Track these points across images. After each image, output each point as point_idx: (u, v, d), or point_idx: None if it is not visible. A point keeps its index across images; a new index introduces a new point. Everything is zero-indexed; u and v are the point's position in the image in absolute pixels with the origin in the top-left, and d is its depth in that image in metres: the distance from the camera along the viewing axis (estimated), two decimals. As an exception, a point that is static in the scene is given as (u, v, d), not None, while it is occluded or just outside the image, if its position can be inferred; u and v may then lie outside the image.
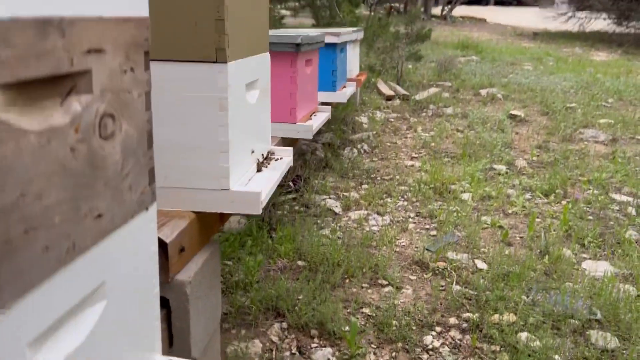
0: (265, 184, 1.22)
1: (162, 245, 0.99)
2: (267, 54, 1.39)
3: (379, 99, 4.76)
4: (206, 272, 1.13)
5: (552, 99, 5.01)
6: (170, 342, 1.07)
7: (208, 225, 1.18)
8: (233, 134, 1.09)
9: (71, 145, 0.57)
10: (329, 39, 2.49)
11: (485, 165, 3.04)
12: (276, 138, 1.82)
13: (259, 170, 1.32)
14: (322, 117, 2.13)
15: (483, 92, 5.26)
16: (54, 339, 0.58)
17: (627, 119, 4.30)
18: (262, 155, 1.37)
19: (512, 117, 4.30)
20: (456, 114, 4.42)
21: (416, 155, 3.32)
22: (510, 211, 2.47)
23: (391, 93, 4.79)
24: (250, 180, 1.23)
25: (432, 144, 3.51)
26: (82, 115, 0.58)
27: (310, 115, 2.08)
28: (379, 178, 2.86)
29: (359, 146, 3.37)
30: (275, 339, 1.49)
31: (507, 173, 2.99)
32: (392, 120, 4.20)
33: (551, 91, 5.41)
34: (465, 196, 2.61)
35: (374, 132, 3.75)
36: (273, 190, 1.26)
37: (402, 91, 4.92)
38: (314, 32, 2.06)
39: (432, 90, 5.17)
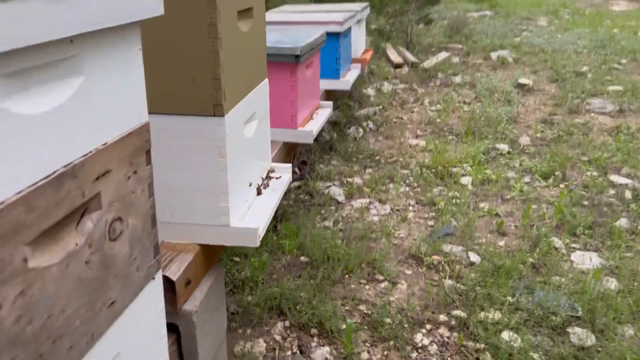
0: (263, 212, 1.33)
1: (169, 282, 1.12)
2: (265, 81, 1.46)
3: (387, 67, 4.75)
4: (211, 297, 1.26)
5: (563, 62, 4.95)
6: (181, 360, 1.21)
7: (212, 252, 1.30)
8: (232, 175, 1.19)
9: (86, 260, 0.68)
10: (331, 29, 2.52)
11: (488, 145, 3.10)
12: (278, 143, 1.91)
13: (259, 193, 1.42)
14: (323, 115, 2.20)
15: (494, 55, 5.21)
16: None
17: (637, 84, 4.27)
18: (262, 178, 1.47)
19: (521, 86, 4.29)
20: (464, 83, 4.42)
21: (421, 133, 3.38)
22: (508, 196, 2.55)
23: (400, 61, 4.78)
24: (250, 209, 1.34)
25: (438, 120, 3.56)
26: (94, 231, 0.69)
27: (312, 114, 2.15)
28: (382, 161, 2.94)
29: (364, 124, 3.43)
30: (278, 337, 1.64)
31: (509, 153, 3.05)
32: (400, 91, 4.22)
33: (563, 53, 5.33)
34: (465, 180, 2.69)
35: (381, 107, 3.79)
36: (272, 216, 1.37)
37: (411, 58, 4.90)
38: (314, 30, 2.11)
39: (442, 55, 5.13)
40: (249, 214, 1.31)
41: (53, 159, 0.60)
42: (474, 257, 2.05)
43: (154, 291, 0.87)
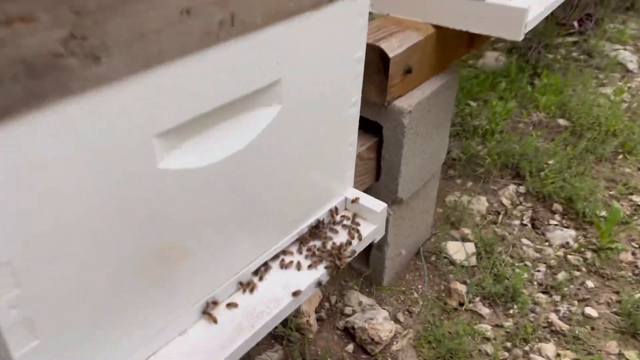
0: (537, 1, 0.88)
1: (383, 58, 0.80)
2: None
3: None
4: (434, 104, 0.92)
5: None
6: (377, 175, 0.93)
7: (450, 46, 0.92)
8: None
9: None
10: None
11: None
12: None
13: (534, -17, 0.96)
14: None
15: None
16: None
17: None
18: (545, -37, 1.00)
19: None
20: None
21: None
22: None
23: None
24: (518, -6, 0.90)
25: None
26: None
27: None
28: None
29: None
30: (506, 201, 1.26)
31: None
32: None
33: None
34: None
35: None
36: (545, 15, 0.92)
37: None
38: None
39: None
40: (515, -1, 0.88)
41: None
42: None
43: (352, 20, 0.56)
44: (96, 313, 0.42)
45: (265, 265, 0.60)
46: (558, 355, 0.93)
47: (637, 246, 1.14)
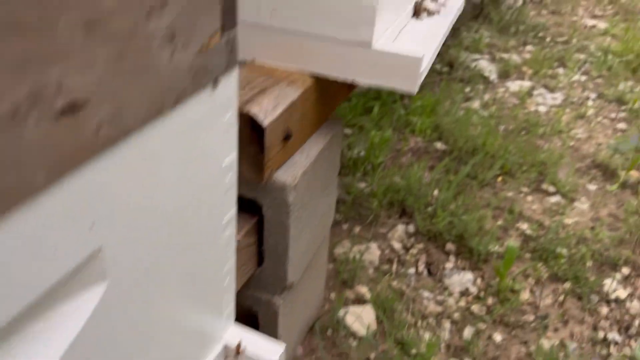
0: (428, 41, 0.76)
1: (255, 127, 0.61)
2: None
3: None
4: (321, 165, 0.75)
5: None
6: (259, 260, 0.74)
7: (331, 95, 0.77)
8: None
9: None
10: None
11: (701, 38, 2.24)
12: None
13: (417, 14, 0.85)
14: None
15: None
16: None
17: None
18: (424, -8, 0.88)
19: None
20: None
21: (600, 14, 2.54)
22: None
23: None
24: (402, 33, 0.77)
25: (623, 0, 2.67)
26: None
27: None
28: (548, 39, 2.20)
29: (525, -7, 2.64)
30: (397, 246, 1.15)
31: None
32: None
33: None
34: (670, 78, 1.93)
35: (546, -24, 2.93)
36: (437, 52, 0.80)
37: None
38: None
39: None
40: (403, 39, 0.75)
41: None
42: (691, 183, 1.39)
43: (212, 120, 0.36)
44: None
45: None
46: None
47: (533, 282, 1.09)
